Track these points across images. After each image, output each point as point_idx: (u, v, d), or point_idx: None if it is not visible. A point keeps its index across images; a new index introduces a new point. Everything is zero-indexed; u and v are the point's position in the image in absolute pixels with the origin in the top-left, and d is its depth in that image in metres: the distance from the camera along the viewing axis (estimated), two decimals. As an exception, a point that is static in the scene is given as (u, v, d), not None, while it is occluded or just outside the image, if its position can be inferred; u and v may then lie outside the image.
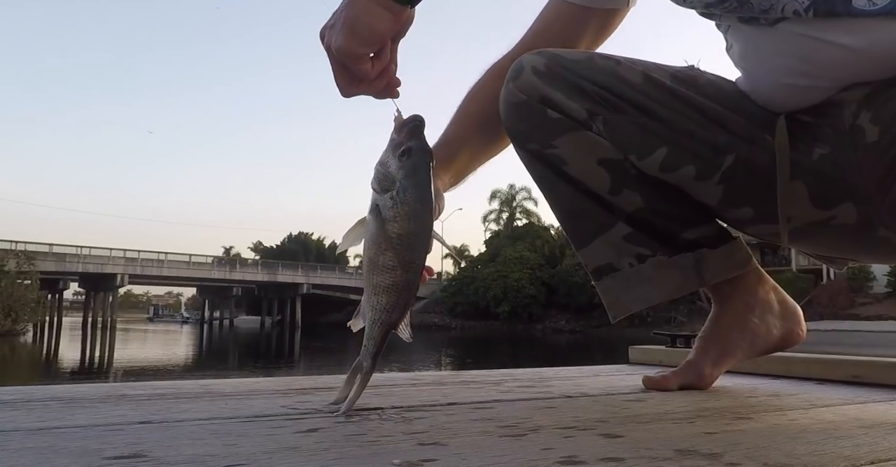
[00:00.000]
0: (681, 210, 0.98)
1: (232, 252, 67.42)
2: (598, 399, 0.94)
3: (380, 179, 0.72)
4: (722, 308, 1.06)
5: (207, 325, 52.55)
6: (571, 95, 0.95)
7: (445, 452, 0.57)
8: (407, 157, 0.70)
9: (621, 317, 1.01)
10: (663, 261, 0.99)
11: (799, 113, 0.89)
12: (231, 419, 0.72)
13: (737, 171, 0.91)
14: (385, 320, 0.72)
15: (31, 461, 0.53)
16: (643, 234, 0.99)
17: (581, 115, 0.95)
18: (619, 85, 0.94)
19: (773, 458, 0.57)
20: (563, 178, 0.99)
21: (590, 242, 1.01)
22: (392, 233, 0.70)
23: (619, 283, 1.01)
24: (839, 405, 0.92)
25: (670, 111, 0.93)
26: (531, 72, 0.96)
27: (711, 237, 1.00)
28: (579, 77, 0.95)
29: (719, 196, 0.94)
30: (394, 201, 0.70)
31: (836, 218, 0.88)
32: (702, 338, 1.07)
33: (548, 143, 0.97)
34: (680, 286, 1.00)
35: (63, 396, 0.87)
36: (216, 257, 54.23)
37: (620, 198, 0.97)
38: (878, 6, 0.78)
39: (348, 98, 0.78)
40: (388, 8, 0.74)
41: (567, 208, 1.02)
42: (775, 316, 1.06)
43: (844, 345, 1.58)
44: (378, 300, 0.71)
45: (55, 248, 40.13)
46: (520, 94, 0.97)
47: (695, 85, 0.95)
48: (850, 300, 27.85)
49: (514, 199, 43.99)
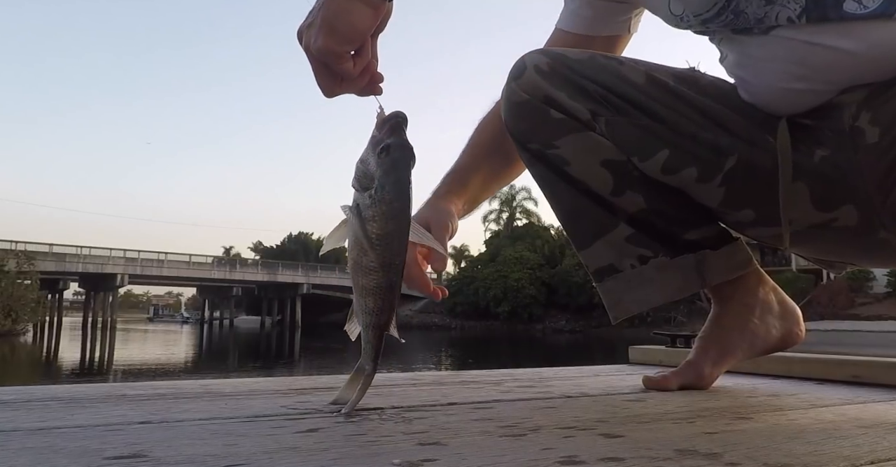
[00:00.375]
0: (682, 211, 0.98)
1: (232, 252, 67.43)
2: (598, 399, 0.94)
3: (359, 177, 0.70)
4: (722, 308, 1.06)
5: (207, 325, 52.53)
6: (574, 95, 0.95)
7: (445, 452, 0.57)
8: (386, 155, 0.68)
9: (622, 318, 1.01)
10: (665, 262, 0.99)
11: (799, 116, 0.88)
12: (231, 419, 0.72)
13: (738, 173, 0.91)
14: (375, 323, 0.71)
15: (31, 461, 0.53)
16: (645, 236, 0.99)
17: (584, 115, 0.94)
18: (621, 85, 0.94)
19: (773, 458, 0.57)
20: (564, 179, 0.99)
21: (591, 243, 1.01)
22: (372, 234, 0.68)
23: (620, 285, 1.00)
24: (839, 405, 0.92)
25: (672, 112, 0.93)
26: (534, 70, 0.96)
27: (713, 238, 1.00)
28: (582, 77, 0.95)
29: (721, 198, 0.93)
30: (372, 200, 0.68)
31: (837, 220, 0.88)
32: (702, 338, 1.07)
33: (550, 144, 0.97)
34: (681, 287, 1.00)
35: (63, 396, 0.86)
36: (216, 257, 54.23)
37: (623, 199, 0.97)
38: (869, 9, 0.78)
39: (331, 98, 0.76)
40: (367, 3, 0.71)
41: (568, 209, 1.02)
42: (775, 316, 1.06)
43: (844, 345, 1.58)
44: (366, 302, 0.70)
45: (55, 248, 40.13)
46: (522, 94, 0.96)
47: (696, 85, 0.95)
48: (850, 300, 27.84)
49: (514, 199, 43.98)
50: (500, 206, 44.25)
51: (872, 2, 0.78)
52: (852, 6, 0.79)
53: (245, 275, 49.25)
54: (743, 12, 0.85)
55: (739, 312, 1.04)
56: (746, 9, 0.85)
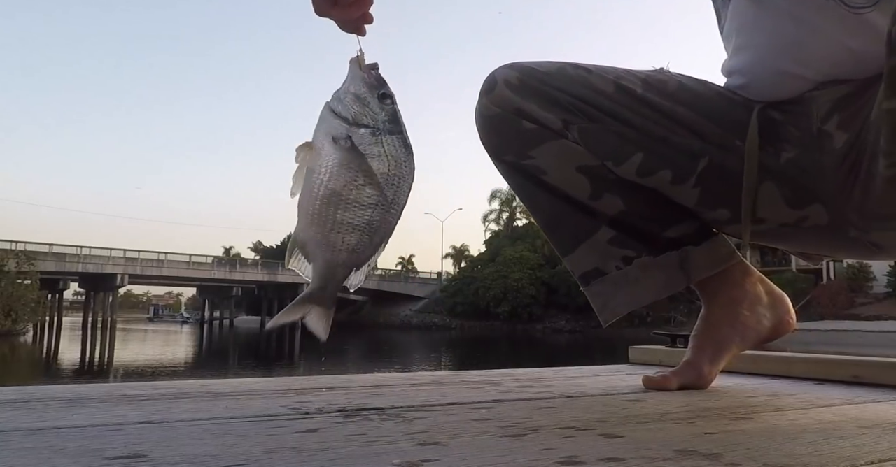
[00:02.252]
0: (661, 210, 0.99)
1: (232, 252, 67.46)
2: (598, 399, 0.94)
3: (353, 111, 0.68)
4: (711, 304, 1.07)
5: (207, 325, 52.53)
6: (545, 106, 0.96)
7: (445, 452, 0.57)
8: (391, 102, 0.68)
9: (612, 320, 1.02)
10: (649, 261, 1.00)
11: (772, 107, 0.90)
12: (231, 419, 0.72)
13: (711, 175, 0.93)
14: (350, 261, 0.66)
15: (31, 461, 0.53)
16: (627, 236, 1.00)
17: (556, 124, 0.96)
18: (591, 94, 0.95)
19: (773, 458, 0.57)
20: (542, 188, 1.00)
21: (575, 249, 1.02)
22: (377, 171, 0.66)
23: (607, 287, 1.02)
24: (839, 405, 0.92)
25: (643, 118, 0.94)
26: (504, 85, 0.97)
27: (693, 234, 1.01)
28: (552, 88, 0.96)
29: (696, 199, 0.95)
30: (378, 140, 0.67)
31: (808, 218, 0.90)
32: (695, 336, 1.07)
33: (524, 154, 0.98)
34: (666, 285, 1.01)
35: (63, 396, 0.86)
36: (216, 257, 54.21)
37: (601, 202, 0.98)
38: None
39: (321, 16, 0.74)
40: None
41: (549, 217, 1.04)
42: (764, 307, 1.06)
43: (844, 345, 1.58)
44: (342, 239, 0.65)
45: (55, 248, 40.11)
46: (494, 108, 0.98)
47: (665, 91, 0.96)
48: (850, 300, 27.84)
49: (515, 199, 43.93)
50: (500, 206, 44.32)
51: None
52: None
53: (245, 275, 49.24)
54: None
55: (728, 306, 1.05)
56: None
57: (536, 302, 37.83)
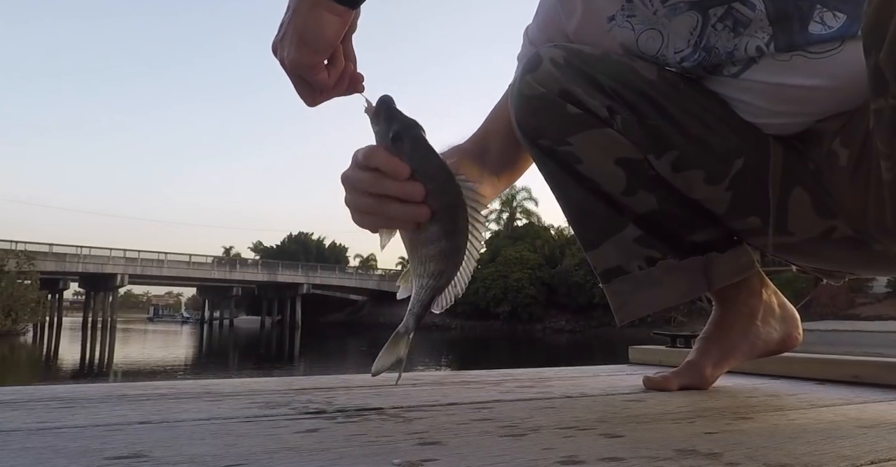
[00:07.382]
0: (690, 213, 0.97)
1: (232, 252, 67.42)
2: (598, 399, 0.94)
3: None
4: (725, 310, 1.05)
5: (207, 325, 52.55)
6: (591, 91, 0.92)
7: (445, 452, 0.57)
8: (402, 142, 0.68)
9: (628, 320, 1.00)
10: (673, 264, 0.98)
11: (786, 138, 0.90)
12: (231, 419, 0.72)
13: (745, 177, 0.90)
14: (432, 285, 0.72)
15: (31, 461, 0.53)
16: (653, 237, 0.97)
17: (602, 111, 0.92)
18: (636, 81, 0.92)
19: (773, 458, 0.56)
20: (574, 177, 0.96)
21: (600, 244, 0.99)
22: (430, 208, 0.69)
23: (628, 287, 0.99)
24: (839, 405, 0.92)
25: (682, 111, 0.91)
26: (550, 63, 0.93)
27: (719, 240, 0.99)
28: (597, 71, 0.92)
29: (727, 203, 0.92)
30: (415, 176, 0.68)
31: (836, 230, 0.89)
32: (703, 339, 1.07)
33: (563, 140, 0.94)
34: (688, 290, 0.99)
35: (63, 396, 0.86)
36: (216, 257, 54.27)
37: (634, 199, 0.95)
38: (833, 29, 0.79)
39: (314, 107, 0.75)
40: (332, 11, 0.69)
41: (577, 208, 1.00)
42: (776, 319, 1.06)
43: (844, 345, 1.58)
44: (426, 268, 0.71)
45: (55, 248, 40.16)
46: (538, 87, 0.93)
47: (704, 88, 0.94)
48: (850, 300, 27.86)
49: (515, 199, 44.08)
50: (500, 206, 44.34)
51: (835, 21, 0.79)
52: (817, 28, 0.79)
53: (245, 275, 49.29)
54: (713, 48, 0.86)
55: (743, 314, 1.04)
56: (716, 44, 0.85)
57: (536, 302, 37.87)
